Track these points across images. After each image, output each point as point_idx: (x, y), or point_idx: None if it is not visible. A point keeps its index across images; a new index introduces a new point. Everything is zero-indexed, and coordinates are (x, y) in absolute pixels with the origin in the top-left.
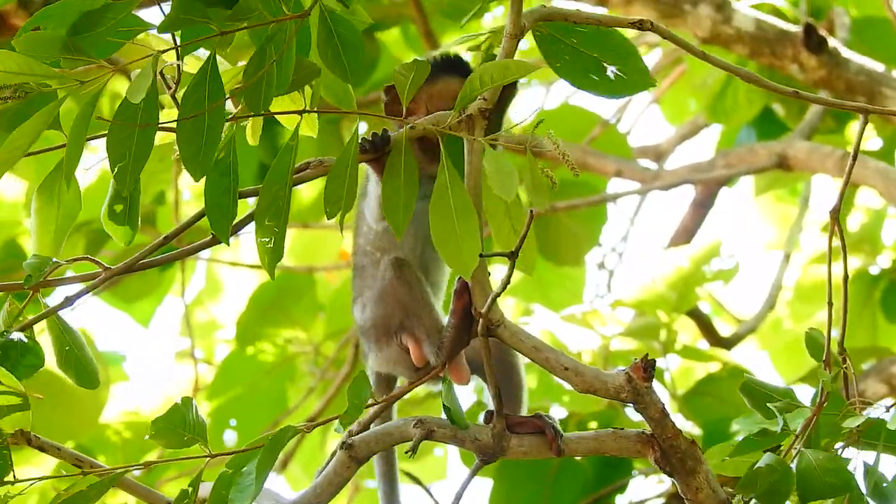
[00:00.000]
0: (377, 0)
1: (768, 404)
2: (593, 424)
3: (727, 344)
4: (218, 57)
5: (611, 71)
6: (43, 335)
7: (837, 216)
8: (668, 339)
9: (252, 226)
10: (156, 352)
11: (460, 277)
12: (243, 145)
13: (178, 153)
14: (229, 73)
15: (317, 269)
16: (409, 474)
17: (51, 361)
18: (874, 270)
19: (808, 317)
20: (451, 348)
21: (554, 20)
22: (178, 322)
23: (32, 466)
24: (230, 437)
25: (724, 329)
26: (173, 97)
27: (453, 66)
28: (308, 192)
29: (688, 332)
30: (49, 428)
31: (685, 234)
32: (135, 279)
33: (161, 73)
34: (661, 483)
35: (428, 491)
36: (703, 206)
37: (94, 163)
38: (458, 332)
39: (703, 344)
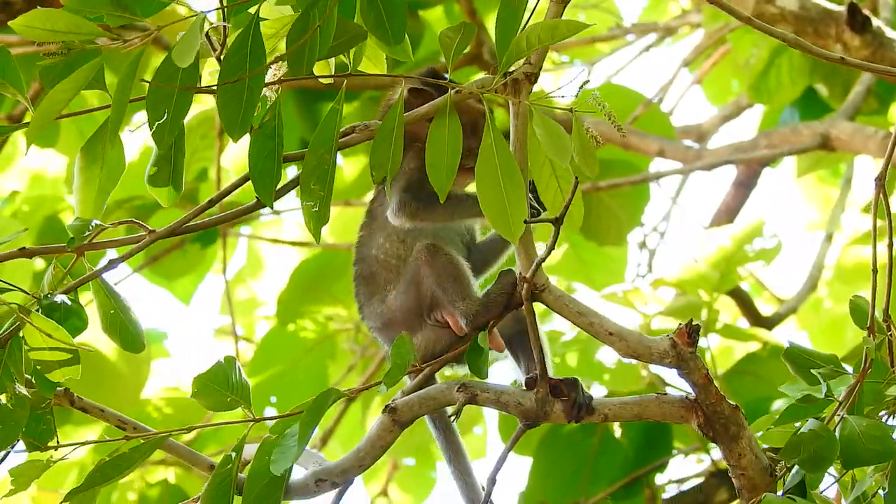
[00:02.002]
0: None
1: (812, 370)
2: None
3: (768, 323)
4: (265, 5)
5: None
6: (91, 306)
7: (883, 183)
8: (710, 319)
9: (294, 203)
10: (197, 329)
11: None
12: (286, 118)
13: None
14: (274, 24)
15: None
16: None
17: (93, 337)
18: None
19: (848, 297)
20: (494, 310)
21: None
22: (219, 299)
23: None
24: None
25: (765, 309)
26: (219, 59)
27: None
28: (350, 170)
29: (729, 311)
30: None
31: (727, 214)
32: (176, 256)
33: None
34: (700, 462)
35: None
36: (745, 186)
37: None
38: (500, 297)
39: (743, 323)
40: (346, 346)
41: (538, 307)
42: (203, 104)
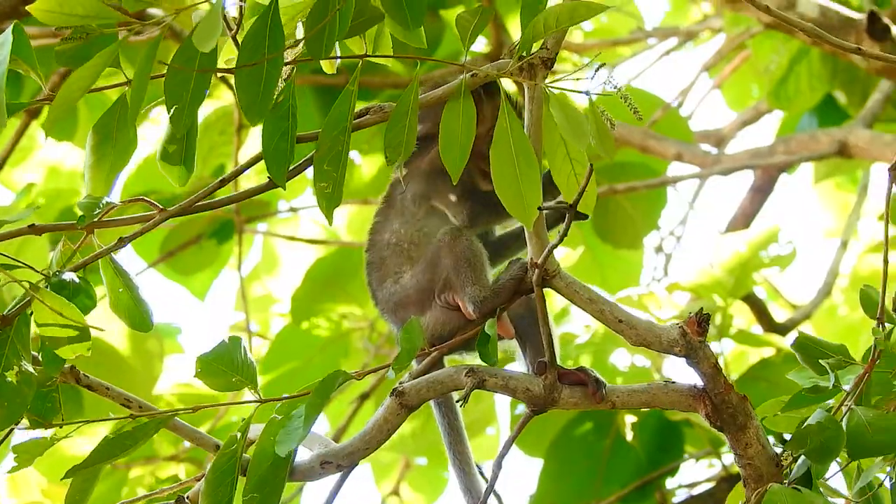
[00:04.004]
0: None
1: (820, 360)
2: None
3: (782, 329)
4: None
5: None
6: (103, 301)
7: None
8: (724, 324)
9: (311, 201)
10: (211, 325)
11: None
12: (304, 113)
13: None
14: (293, 8)
15: None
16: None
17: (105, 330)
18: None
19: None
20: (503, 296)
21: None
22: (234, 296)
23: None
24: None
25: (780, 315)
26: (234, 39)
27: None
28: (368, 169)
29: (743, 316)
30: None
31: (743, 220)
32: (192, 252)
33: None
34: (711, 468)
35: (478, 467)
36: (762, 192)
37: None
38: (509, 283)
39: (757, 329)
40: (359, 345)
41: (551, 307)
42: (222, 99)
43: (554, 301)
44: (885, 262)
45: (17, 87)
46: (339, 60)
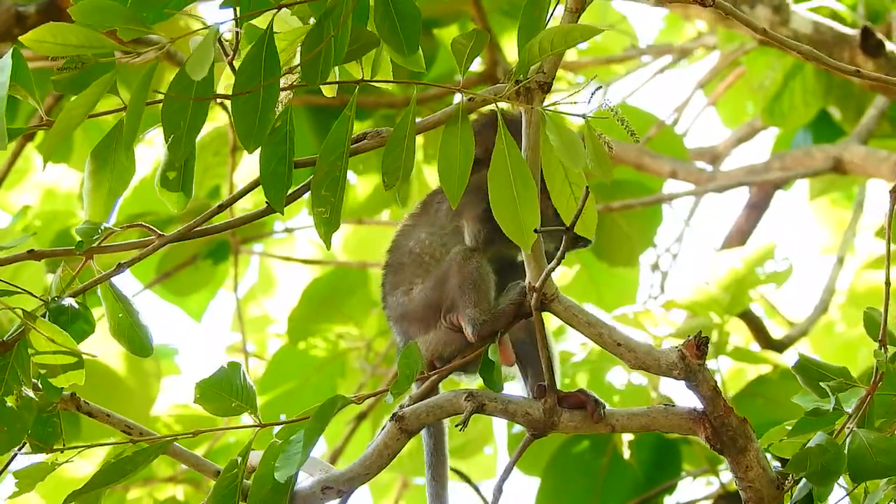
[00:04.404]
0: None
1: (822, 383)
2: None
3: (779, 346)
4: (278, 18)
5: None
6: (101, 321)
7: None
8: (720, 341)
9: (306, 221)
10: (208, 346)
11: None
12: (301, 137)
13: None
14: (289, 35)
15: (370, 265)
16: (457, 471)
17: (100, 352)
18: None
19: (860, 322)
20: (502, 321)
21: None
22: (230, 316)
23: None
24: None
25: (777, 332)
26: (231, 64)
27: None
28: (363, 189)
29: (740, 334)
30: None
31: (739, 237)
32: (188, 273)
33: (219, 39)
34: (709, 486)
35: (476, 487)
36: (757, 209)
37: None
38: (508, 308)
39: (754, 346)
40: (356, 365)
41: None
42: (216, 120)
43: (551, 319)
44: (887, 283)
45: (13, 109)
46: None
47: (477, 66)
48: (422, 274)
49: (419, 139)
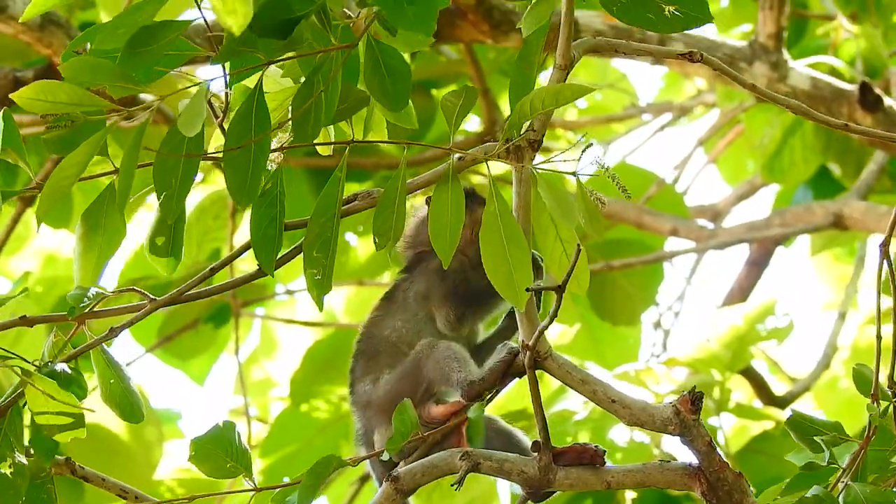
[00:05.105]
0: (434, 57)
1: (815, 438)
2: None
3: (781, 403)
4: (268, 77)
5: (668, 10)
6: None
7: (887, 247)
8: (722, 398)
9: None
10: (211, 409)
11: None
12: (297, 197)
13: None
14: (280, 95)
15: None
16: None
17: (104, 417)
18: None
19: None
20: (491, 378)
21: (602, 52)
22: (233, 379)
23: None
24: None
25: (779, 388)
26: (221, 126)
27: None
28: (363, 250)
29: (742, 390)
30: None
31: (740, 293)
32: (190, 336)
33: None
34: None
35: None
36: (758, 265)
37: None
38: (497, 366)
39: (757, 403)
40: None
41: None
42: (216, 184)
43: (550, 380)
44: (878, 338)
45: (13, 175)
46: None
47: (476, 125)
48: (394, 364)
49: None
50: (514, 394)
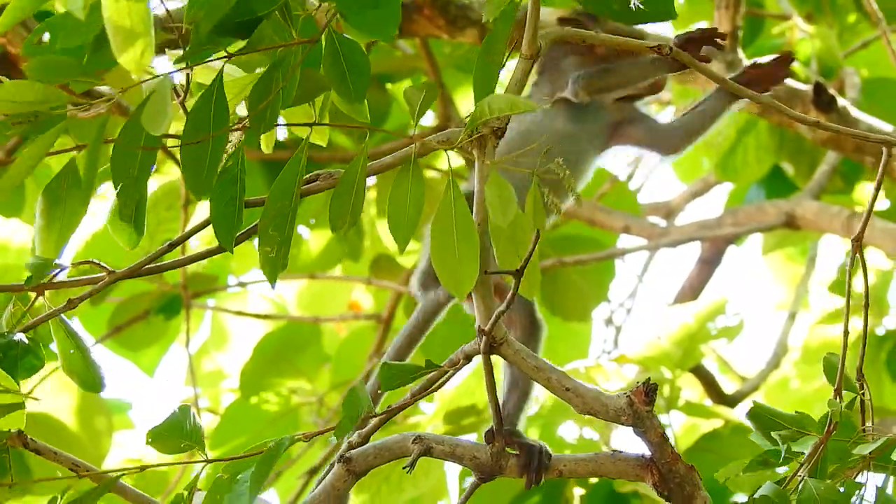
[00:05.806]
0: (390, 51)
1: (772, 433)
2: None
3: (731, 401)
4: (229, 66)
5: (633, 3)
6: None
7: (860, 243)
8: (672, 396)
9: (260, 276)
10: (162, 400)
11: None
12: (250, 184)
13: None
14: (241, 81)
15: (323, 319)
16: None
17: (52, 407)
18: (880, 332)
19: (814, 377)
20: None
21: (571, 41)
22: (184, 371)
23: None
24: None
25: (729, 387)
26: (182, 105)
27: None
28: (316, 243)
29: (692, 389)
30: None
31: (692, 292)
32: (140, 327)
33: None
34: None
35: None
36: (710, 264)
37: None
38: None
39: (708, 402)
40: (309, 420)
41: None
42: (169, 175)
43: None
44: (846, 333)
45: None
46: (285, 135)
47: (430, 120)
48: None
49: (371, 193)
50: (464, 389)
